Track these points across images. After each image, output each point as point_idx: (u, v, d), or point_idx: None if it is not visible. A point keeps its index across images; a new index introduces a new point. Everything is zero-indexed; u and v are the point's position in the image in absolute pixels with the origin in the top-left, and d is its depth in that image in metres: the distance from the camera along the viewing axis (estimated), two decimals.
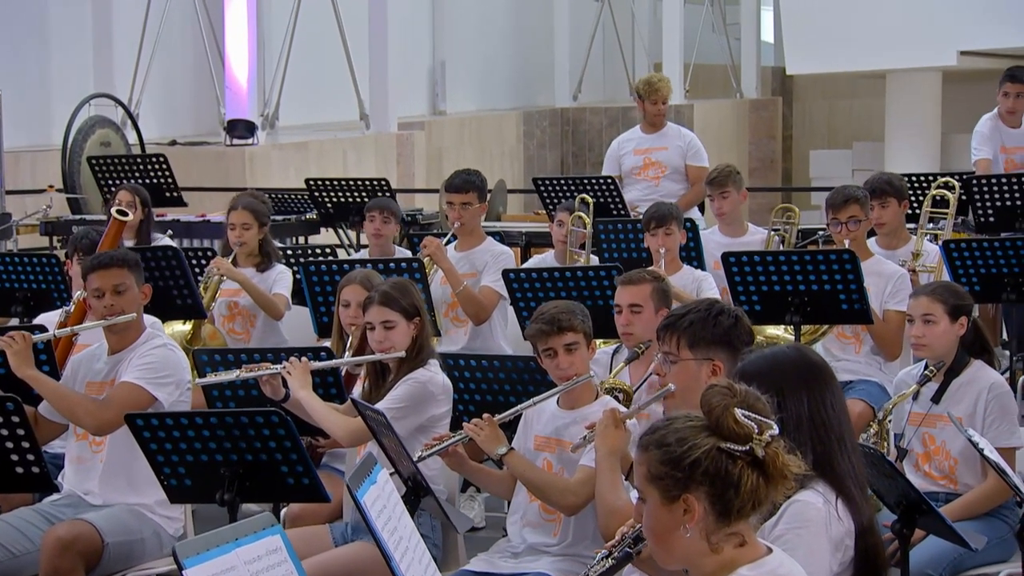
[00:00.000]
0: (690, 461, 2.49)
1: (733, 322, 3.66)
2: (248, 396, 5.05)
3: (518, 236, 8.17)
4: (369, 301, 4.73)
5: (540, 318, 4.34)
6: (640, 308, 4.89)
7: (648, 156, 8.49)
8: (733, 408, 2.48)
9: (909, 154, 15.61)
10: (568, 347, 4.29)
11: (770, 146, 17.61)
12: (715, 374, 3.62)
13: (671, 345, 3.66)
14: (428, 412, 4.61)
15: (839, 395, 3.14)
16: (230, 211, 6.66)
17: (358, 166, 12.48)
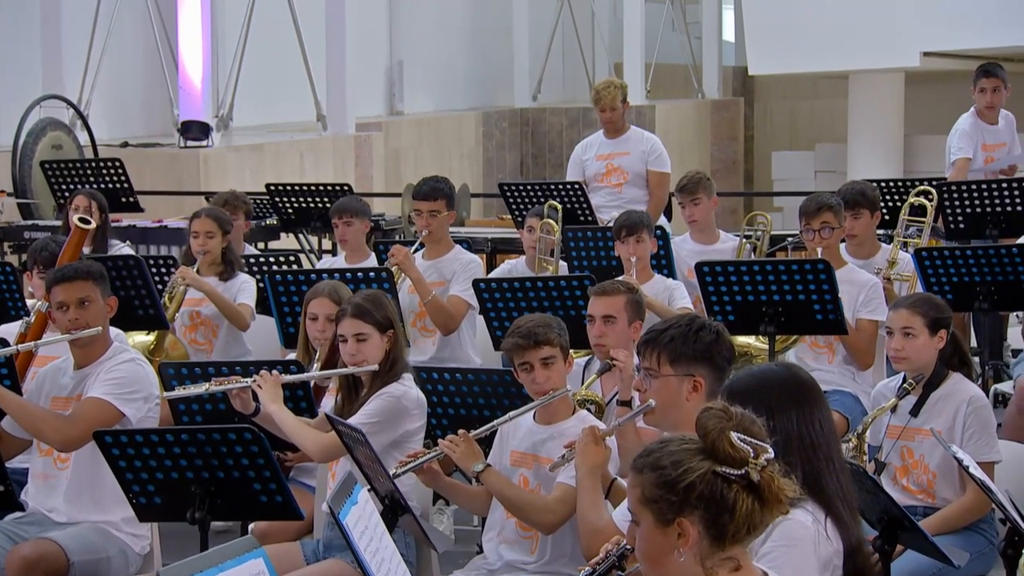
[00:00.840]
0: (685, 485, 2.52)
1: (714, 338, 3.69)
2: (216, 411, 5.05)
3: (484, 242, 8.19)
4: (342, 313, 4.74)
5: (516, 332, 4.36)
6: (614, 319, 4.93)
7: (610, 162, 8.50)
8: (729, 431, 2.50)
9: (872, 156, 15.76)
10: (545, 361, 4.31)
11: (732, 147, 17.73)
12: (696, 390, 3.66)
13: (652, 361, 3.69)
14: (402, 427, 4.62)
15: (827, 414, 3.18)
16: (193, 219, 6.65)
17: (315, 168, 12.46)
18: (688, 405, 3.66)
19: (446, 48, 16.54)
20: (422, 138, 15.20)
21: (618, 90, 8.39)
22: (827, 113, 18.94)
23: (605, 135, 8.54)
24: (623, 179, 8.43)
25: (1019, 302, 6.30)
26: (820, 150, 17.18)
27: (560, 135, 16.46)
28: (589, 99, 17.70)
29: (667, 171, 8.45)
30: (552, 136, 16.53)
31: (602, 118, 8.50)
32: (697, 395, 3.66)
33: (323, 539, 4.73)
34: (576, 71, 18.07)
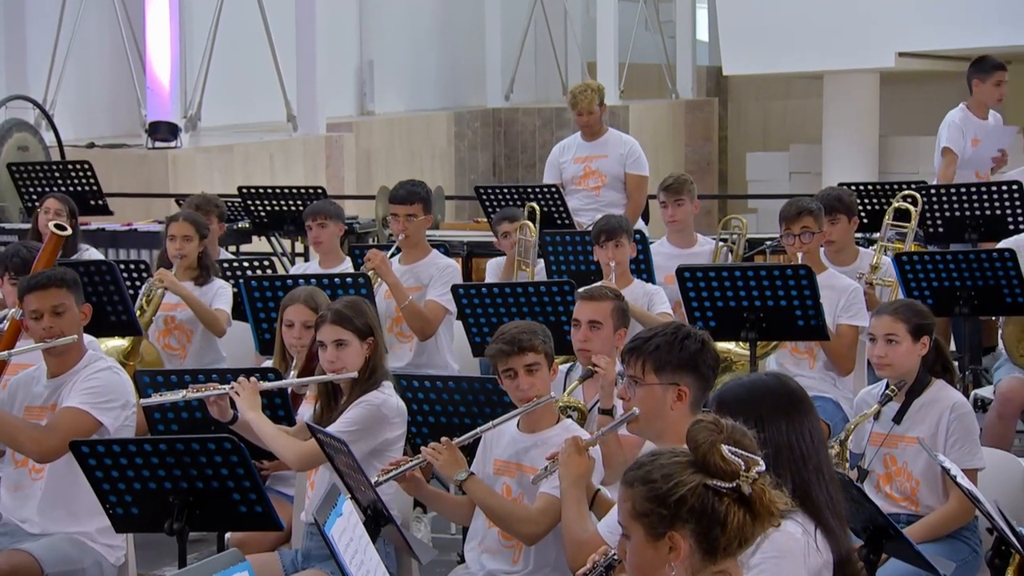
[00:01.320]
0: (676, 498, 2.54)
1: (699, 347, 3.72)
2: (192, 419, 5.04)
3: (460, 246, 8.20)
4: (322, 319, 4.75)
5: (501, 338, 4.37)
6: (600, 325, 4.95)
7: (588, 165, 8.53)
8: (720, 444, 2.53)
9: (847, 157, 15.84)
10: (529, 368, 4.33)
11: (706, 148, 17.79)
12: (681, 399, 3.69)
13: (636, 369, 3.71)
14: (382, 436, 4.63)
15: (817, 424, 3.21)
16: (170, 222, 6.65)
17: (286, 170, 12.44)
18: (672, 414, 3.69)
19: (417, 47, 16.54)
20: (393, 138, 15.19)
21: (595, 93, 8.41)
22: (801, 113, 19.03)
23: (582, 137, 8.57)
24: (601, 182, 8.45)
25: (999, 307, 6.35)
26: (795, 151, 17.26)
27: (533, 135, 16.49)
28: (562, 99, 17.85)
29: (645, 174, 8.48)
30: (525, 136, 16.55)
31: (578, 122, 8.52)
32: (681, 404, 3.69)
33: (302, 549, 4.73)
34: (549, 71, 18.09)
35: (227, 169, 11.89)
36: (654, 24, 18.84)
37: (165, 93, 12.14)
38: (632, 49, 17.91)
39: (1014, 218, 7.55)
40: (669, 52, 18.75)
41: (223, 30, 12.84)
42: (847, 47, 14.87)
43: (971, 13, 14.39)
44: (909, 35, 14.82)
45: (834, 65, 15.30)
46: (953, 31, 14.64)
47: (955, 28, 14.59)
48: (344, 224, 7.31)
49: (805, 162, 16.93)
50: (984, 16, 14.37)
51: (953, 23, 14.57)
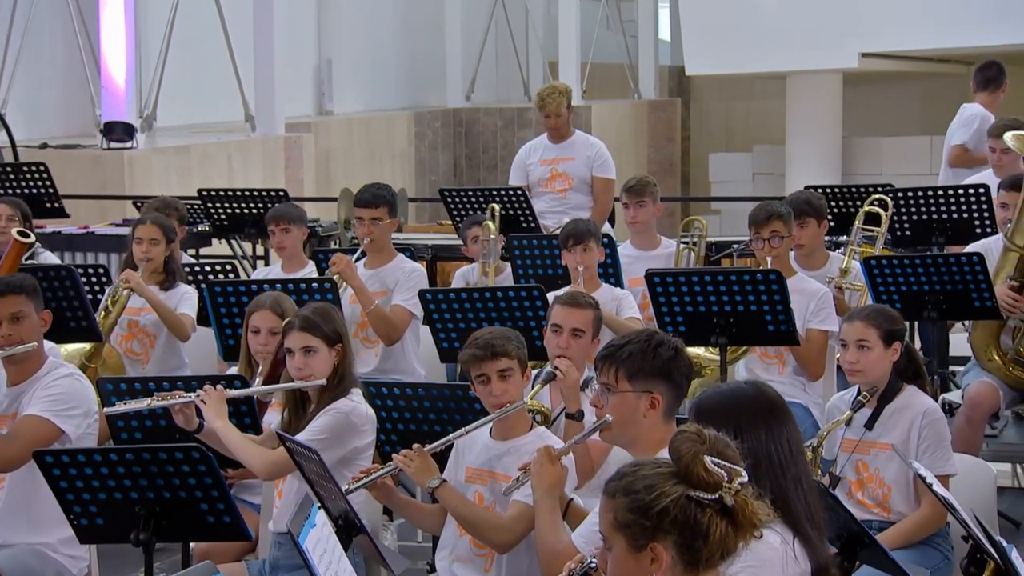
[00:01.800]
0: (658, 509, 2.56)
1: (673, 354, 3.75)
2: (156, 427, 5.03)
3: (424, 249, 8.19)
4: (289, 326, 4.75)
5: (474, 343, 4.39)
6: (582, 333, 4.97)
7: (555, 167, 8.56)
8: (703, 455, 2.55)
9: (810, 158, 15.96)
10: (502, 373, 4.35)
11: (669, 149, 17.86)
12: (654, 407, 3.71)
13: (609, 376, 3.73)
14: (351, 444, 4.64)
15: (796, 433, 3.24)
16: (136, 225, 6.63)
17: (244, 171, 12.40)
18: (645, 422, 3.71)
19: (376, 46, 16.52)
20: (352, 139, 15.17)
21: (563, 96, 8.45)
22: (764, 114, 19.15)
23: (549, 139, 8.60)
24: (568, 184, 8.49)
25: (968, 311, 6.41)
26: (758, 152, 17.37)
27: (495, 136, 16.51)
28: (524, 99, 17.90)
29: (612, 177, 8.53)
30: (486, 137, 16.57)
31: (546, 124, 8.56)
32: (655, 412, 3.72)
33: (270, 559, 4.73)
34: (510, 70, 18.11)
35: (184, 170, 11.84)
36: (616, 23, 18.89)
37: (120, 92, 12.08)
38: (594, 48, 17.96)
39: (981, 222, 7.63)
40: (631, 52, 18.80)
41: (179, 27, 12.79)
42: (810, 47, 14.98)
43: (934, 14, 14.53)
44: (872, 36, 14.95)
45: (797, 66, 15.41)
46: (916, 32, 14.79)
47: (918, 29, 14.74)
48: (307, 228, 7.31)
49: (768, 163, 17.05)
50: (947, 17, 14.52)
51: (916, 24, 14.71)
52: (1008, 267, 6.46)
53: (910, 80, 17.96)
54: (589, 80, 17.27)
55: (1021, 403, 6.62)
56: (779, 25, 15.00)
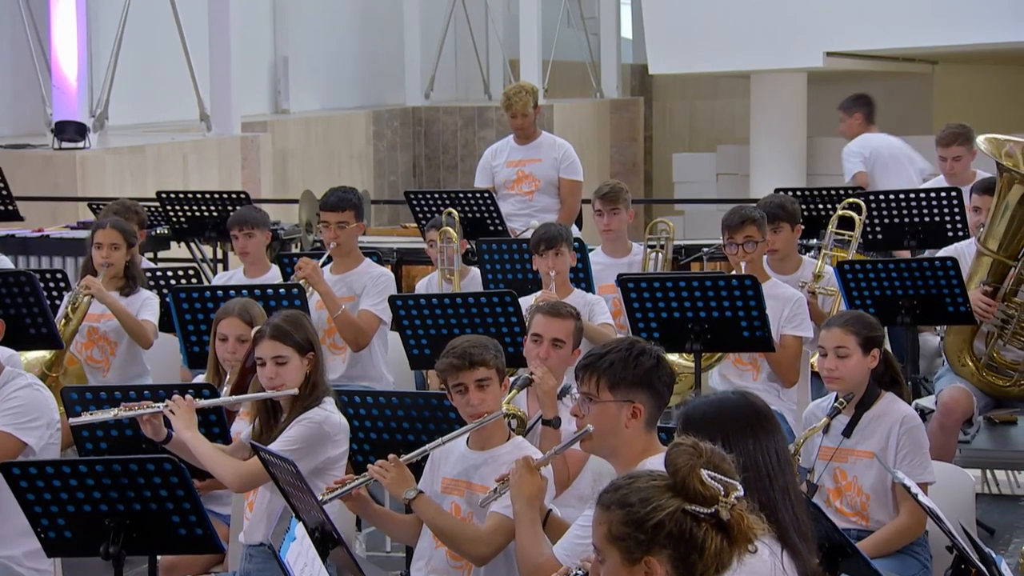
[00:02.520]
0: (654, 523, 2.59)
1: (654, 363, 3.78)
2: (122, 436, 5.02)
3: (390, 253, 8.20)
4: (260, 335, 4.75)
5: (451, 352, 4.41)
6: (563, 344, 5.01)
7: (521, 169, 8.60)
8: (699, 469, 2.58)
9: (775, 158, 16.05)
10: (480, 383, 4.37)
11: (632, 149, 17.92)
12: (635, 417, 3.75)
13: (590, 386, 3.77)
14: (324, 454, 4.65)
15: (783, 443, 3.29)
16: (96, 229, 6.61)
17: (199, 171, 12.36)
18: (627, 432, 3.75)
19: (333, 43, 16.49)
20: (309, 138, 15.14)
21: (529, 95, 8.48)
22: (728, 113, 19.24)
23: (515, 140, 8.63)
24: (534, 186, 8.53)
25: (942, 316, 6.49)
26: (722, 152, 17.44)
27: (455, 135, 16.52)
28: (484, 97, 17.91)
29: (580, 179, 8.57)
30: (446, 136, 16.57)
31: (512, 124, 8.58)
32: (636, 421, 3.75)
33: (240, 572, 4.74)
34: (470, 68, 18.12)
35: (139, 171, 11.78)
36: (577, 20, 18.92)
37: (72, 91, 11.98)
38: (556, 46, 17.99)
39: (952, 225, 7.72)
40: (593, 49, 18.85)
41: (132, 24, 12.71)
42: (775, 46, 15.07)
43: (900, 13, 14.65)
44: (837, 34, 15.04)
45: (762, 65, 15.49)
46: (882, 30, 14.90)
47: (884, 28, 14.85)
48: (270, 232, 7.31)
49: (732, 163, 17.12)
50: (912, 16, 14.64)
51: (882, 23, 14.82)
52: (981, 271, 6.55)
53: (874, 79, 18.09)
54: (550, 79, 17.30)
55: (994, 409, 6.72)
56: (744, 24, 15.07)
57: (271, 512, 4.68)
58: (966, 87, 18.88)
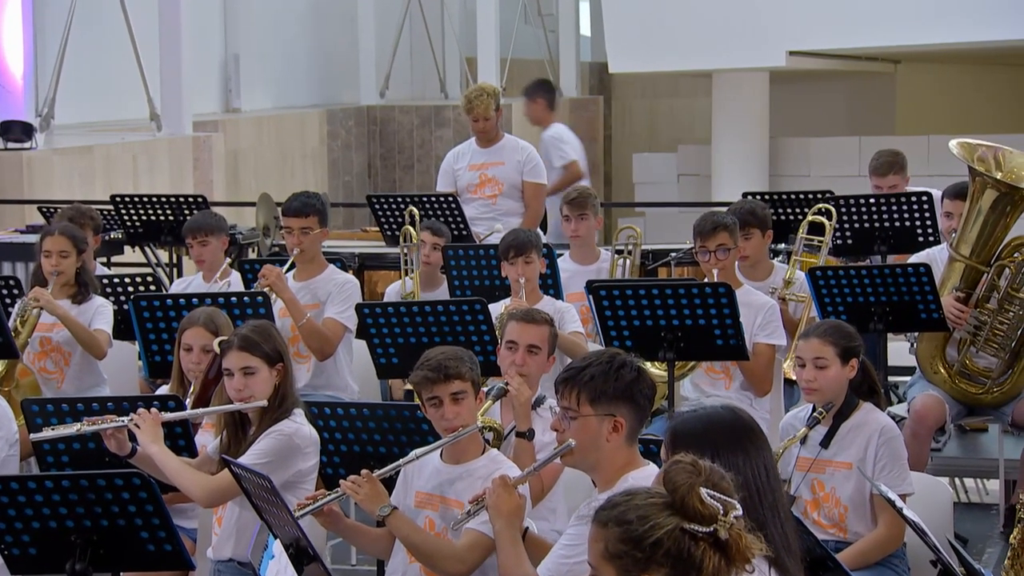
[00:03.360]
0: (652, 541, 2.61)
1: (635, 376, 3.83)
2: (84, 449, 5.01)
3: (351, 258, 8.19)
4: (227, 345, 4.75)
5: (426, 364, 4.43)
6: (538, 350, 5.05)
7: (484, 172, 8.62)
8: (699, 487, 2.61)
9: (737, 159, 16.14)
10: (455, 396, 4.38)
11: (592, 149, 17.92)
12: (616, 431, 3.78)
13: (571, 400, 3.80)
14: (295, 467, 4.66)
15: (771, 459, 3.33)
16: (44, 236, 6.57)
17: (150, 172, 12.29)
18: (608, 446, 3.79)
19: (285, 40, 16.44)
20: (262, 138, 15.09)
21: (491, 98, 8.51)
22: (688, 112, 19.32)
23: (477, 144, 8.65)
24: (498, 190, 8.55)
25: (914, 323, 6.56)
26: (683, 152, 17.52)
27: (410, 135, 16.50)
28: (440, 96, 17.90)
29: (543, 182, 8.61)
30: (402, 136, 16.54)
31: (474, 128, 8.61)
32: (617, 435, 3.79)
33: None
34: (426, 66, 18.10)
35: (87, 172, 11.71)
36: (534, 17, 18.94)
37: (18, 89, 11.89)
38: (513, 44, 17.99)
39: (924, 230, 7.80)
40: (551, 47, 18.87)
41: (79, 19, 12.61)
42: (738, 45, 15.15)
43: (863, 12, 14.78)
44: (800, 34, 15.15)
45: (725, 64, 15.57)
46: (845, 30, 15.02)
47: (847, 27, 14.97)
48: (227, 236, 7.30)
49: (694, 164, 17.20)
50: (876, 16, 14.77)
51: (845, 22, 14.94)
52: (954, 277, 6.63)
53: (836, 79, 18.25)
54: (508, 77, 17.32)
55: (967, 416, 6.79)
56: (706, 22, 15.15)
57: (240, 527, 4.69)
58: (929, 87, 19.06)
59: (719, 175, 16.26)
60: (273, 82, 16.29)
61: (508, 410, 5.11)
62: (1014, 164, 6.58)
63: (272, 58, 16.18)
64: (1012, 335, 6.52)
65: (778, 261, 7.49)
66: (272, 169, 14.97)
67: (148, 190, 12.00)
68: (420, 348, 5.78)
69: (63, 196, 10.89)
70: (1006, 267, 6.53)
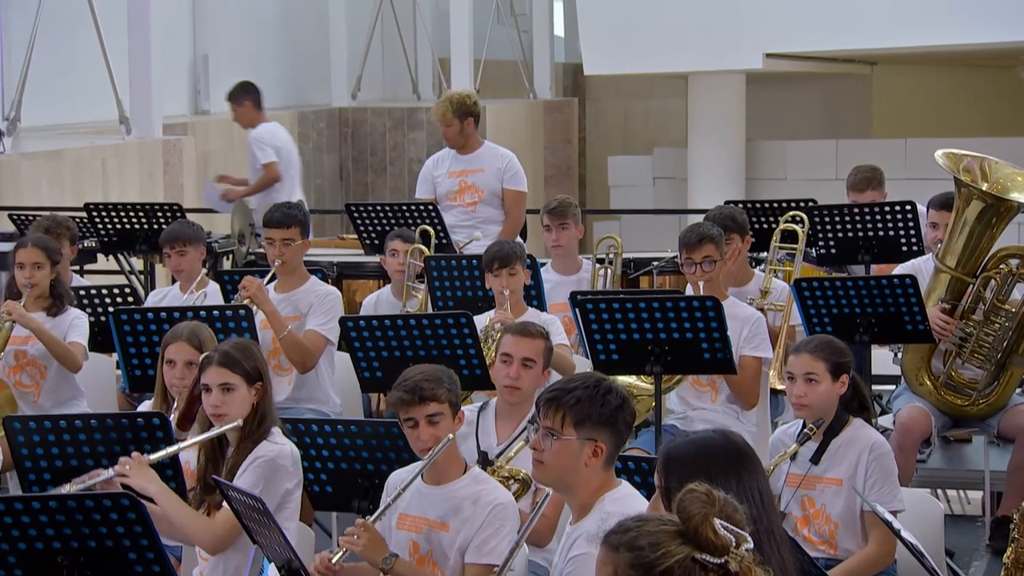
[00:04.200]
0: (662, 569, 2.64)
1: (620, 403, 3.88)
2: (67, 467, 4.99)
3: (329, 267, 8.20)
4: (207, 361, 4.76)
5: (402, 385, 4.46)
6: (533, 363, 5.09)
7: (463, 179, 8.64)
8: (712, 518, 2.64)
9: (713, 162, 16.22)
10: (430, 419, 4.42)
11: (566, 151, 18.00)
12: (596, 455, 3.84)
13: (555, 421, 3.84)
14: (281, 488, 4.67)
15: (765, 483, 3.36)
16: (18, 248, 6.56)
17: (120, 176, 12.26)
18: (586, 470, 3.84)
19: (255, 40, 16.42)
20: (232, 140, 15.05)
21: (447, 104, 8.49)
22: (663, 114, 19.39)
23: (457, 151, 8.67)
24: (477, 197, 8.57)
25: (900, 335, 6.62)
26: (658, 155, 17.59)
27: (383, 137, 16.50)
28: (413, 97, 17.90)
29: (524, 190, 8.64)
30: (374, 138, 16.55)
31: (443, 135, 8.65)
32: (596, 460, 3.84)
33: None
34: (398, 67, 18.10)
35: (56, 176, 11.67)
36: (507, 17, 18.95)
37: None
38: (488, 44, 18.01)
39: (907, 239, 7.87)
40: (525, 47, 18.90)
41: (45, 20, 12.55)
42: (714, 47, 15.23)
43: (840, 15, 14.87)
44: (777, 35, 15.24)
45: (701, 66, 15.65)
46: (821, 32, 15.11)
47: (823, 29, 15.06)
48: (204, 246, 7.31)
49: (670, 167, 17.27)
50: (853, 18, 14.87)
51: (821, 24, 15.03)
52: (940, 289, 6.69)
53: (811, 80, 18.36)
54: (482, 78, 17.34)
55: (952, 428, 6.86)
56: (682, 24, 15.23)
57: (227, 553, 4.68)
58: (905, 88, 19.20)
59: (695, 178, 16.34)
60: None
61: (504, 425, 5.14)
62: (1000, 175, 6.64)
63: (242, 59, 16.15)
64: (998, 347, 6.58)
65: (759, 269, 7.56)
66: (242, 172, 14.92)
67: (118, 194, 12.00)
68: (405, 362, 5.84)
69: (32, 202, 10.86)
70: (992, 279, 6.60)
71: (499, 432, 5.11)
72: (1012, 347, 6.57)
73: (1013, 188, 6.60)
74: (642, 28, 15.32)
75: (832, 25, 15.05)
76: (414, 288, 7.14)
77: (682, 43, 15.28)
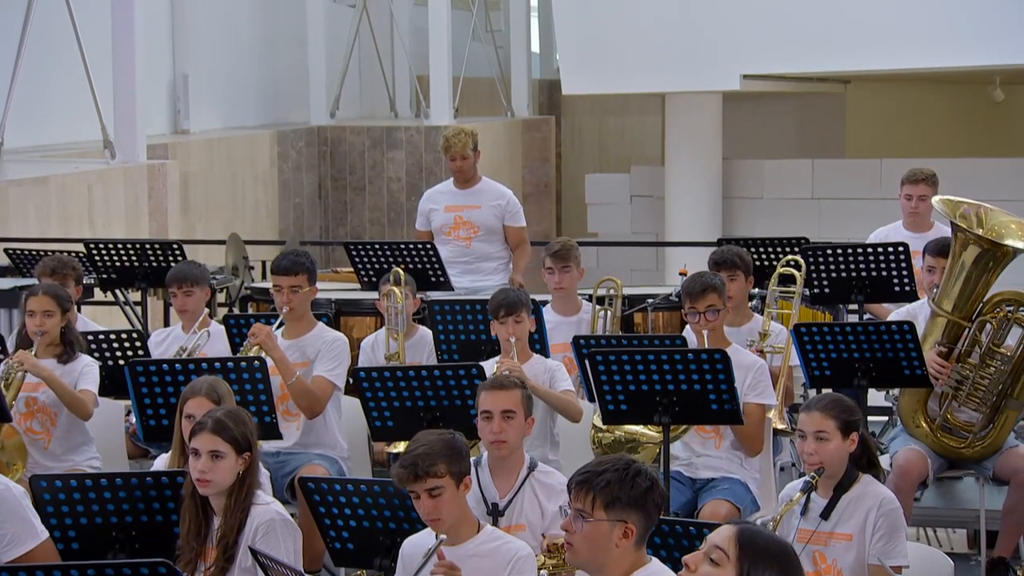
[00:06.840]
0: None
1: (649, 485, 3.98)
2: (91, 524, 5.07)
3: (326, 304, 8.25)
4: (199, 427, 4.87)
5: (404, 459, 4.59)
6: (513, 414, 5.21)
7: (459, 215, 8.75)
8: None
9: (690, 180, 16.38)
10: (431, 492, 4.55)
11: (544, 169, 18.13)
12: (627, 537, 3.94)
13: (585, 503, 3.94)
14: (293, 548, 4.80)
15: None
16: (28, 297, 6.61)
17: (105, 202, 12.30)
18: (616, 551, 3.94)
19: (234, 59, 16.49)
20: (212, 160, 15.12)
21: (469, 137, 8.66)
22: (640, 131, 19.55)
23: (455, 184, 8.79)
24: (472, 233, 8.69)
25: (898, 379, 6.76)
26: (636, 173, 17.73)
27: (362, 156, 16.58)
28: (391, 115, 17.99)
29: (524, 225, 8.79)
30: (353, 157, 16.63)
31: (451, 167, 8.76)
32: (627, 541, 3.94)
33: None
34: (376, 85, 18.19)
35: (42, 203, 11.69)
36: (484, 34, 19.05)
37: None
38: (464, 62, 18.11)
39: (900, 279, 8.02)
40: (502, 64, 19.01)
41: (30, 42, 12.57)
42: (691, 68, 15.38)
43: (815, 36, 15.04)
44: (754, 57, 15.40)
45: (679, 86, 15.80)
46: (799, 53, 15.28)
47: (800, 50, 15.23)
48: (209, 287, 7.39)
49: (647, 185, 17.41)
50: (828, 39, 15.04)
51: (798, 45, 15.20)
52: (936, 332, 6.84)
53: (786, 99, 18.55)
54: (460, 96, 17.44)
55: (949, 469, 7.00)
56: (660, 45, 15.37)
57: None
58: (879, 107, 19.40)
59: (673, 196, 16.50)
60: (222, 102, 16.33)
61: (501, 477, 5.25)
62: (996, 221, 6.80)
63: (221, 78, 16.21)
64: (993, 390, 6.73)
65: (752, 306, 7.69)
66: (223, 191, 15.03)
67: (103, 221, 12.04)
68: (416, 412, 5.98)
69: (19, 231, 10.91)
70: (988, 323, 6.74)
71: (499, 487, 5.22)
72: (1007, 390, 6.72)
73: (1008, 235, 6.76)
74: (621, 49, 15.46)
75: (808, 47, 15.22)
76: (394, 332, 7.16)
77: (661, 64, 15.43)
